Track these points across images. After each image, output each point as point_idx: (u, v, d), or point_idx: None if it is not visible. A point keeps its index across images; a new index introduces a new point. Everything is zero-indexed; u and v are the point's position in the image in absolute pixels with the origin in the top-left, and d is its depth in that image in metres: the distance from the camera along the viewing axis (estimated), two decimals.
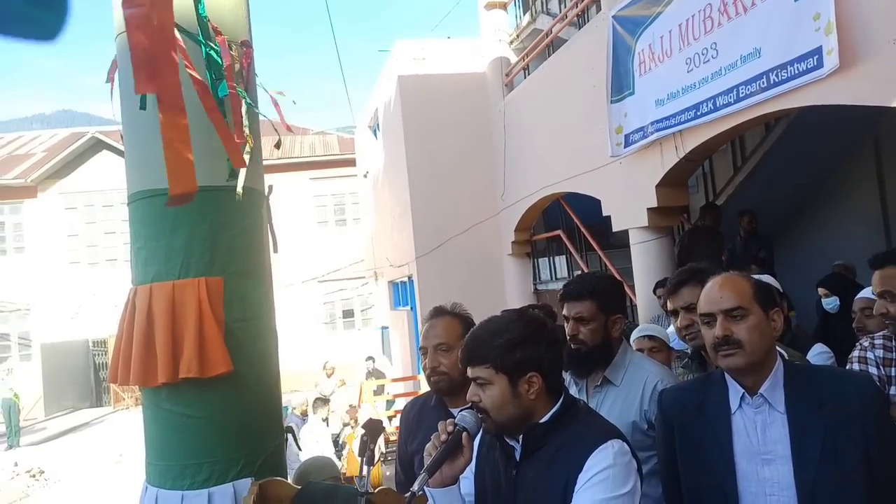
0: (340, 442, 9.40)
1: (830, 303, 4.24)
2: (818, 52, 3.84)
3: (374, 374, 11.38)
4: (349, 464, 8.20)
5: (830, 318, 4.32)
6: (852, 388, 1.68)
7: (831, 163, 7.44)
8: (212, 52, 2.26)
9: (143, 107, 2.00)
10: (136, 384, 2.24)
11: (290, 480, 2.37)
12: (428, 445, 1.65)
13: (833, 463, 1.61)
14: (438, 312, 2.38)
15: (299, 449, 2.72)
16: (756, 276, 1.94)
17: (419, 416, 2.43)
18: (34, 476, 10.82)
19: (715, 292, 1.76)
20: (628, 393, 2.24)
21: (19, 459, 12.02)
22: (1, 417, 14.40)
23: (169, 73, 1.47)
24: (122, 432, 13.48)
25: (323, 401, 9.62)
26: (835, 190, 7.66)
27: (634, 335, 3.35)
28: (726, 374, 1.78)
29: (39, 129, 27.41)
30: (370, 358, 11.90)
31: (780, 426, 1.68)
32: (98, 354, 18.92)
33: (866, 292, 3.17)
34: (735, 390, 1.76)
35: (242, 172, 2.36)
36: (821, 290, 4.35)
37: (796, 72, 4.03)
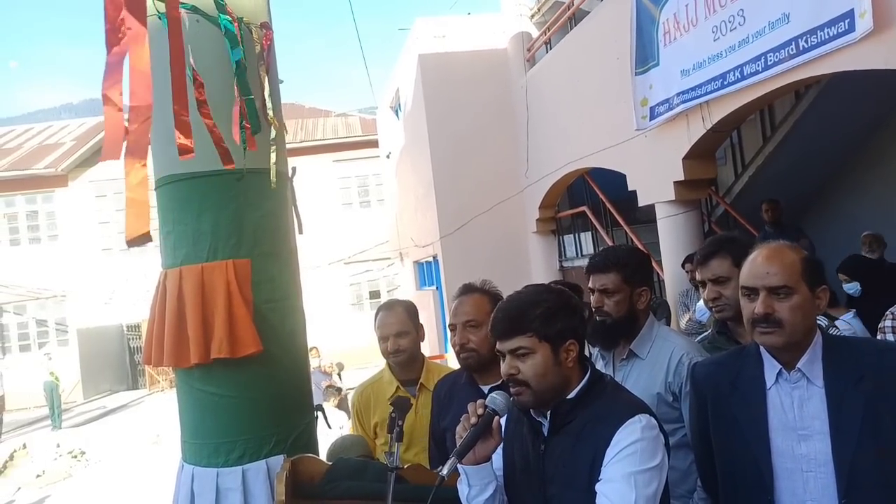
0: None
1: (852, 288, 4.15)
2: (850, 14, 3.71)
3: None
4: None
5: (853, 301, 4.22)
6: (893, 361, 1.62)
7: (864, 130, 7.23)
8: (228, 25, 2.26)
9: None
10: (170, 365, 2.29)
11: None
12: (458, 428, 1.66)
13: (873, 438, 1.56)
14: (468, 289, 2.39)
15: (329, 427, 2.75)
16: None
17: (450, 393, 2.45)
18: (76, 457, 11.14)
19: (761, 266, 1.65)
20: (654, 366, 2.23)
21: (61, 441, 12.39)
22: (44, 400, 14.84)
23: (138, 121, 1.49)
24: (158, 413, 13.80)
25: (336, 389, 9.60)
26: (868, 158, 7.46)
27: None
28: (762, 349, 1.72)
29: (68, 118, 27.82)
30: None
31: (818, 401, 1.63)
32: (132, 338, 19.34)
33: None
34: (771, 365, 1.70)
35: (273, 155, 2.39)
36: (841, 276, 4.25)
37: (827, 37, 3.91)
